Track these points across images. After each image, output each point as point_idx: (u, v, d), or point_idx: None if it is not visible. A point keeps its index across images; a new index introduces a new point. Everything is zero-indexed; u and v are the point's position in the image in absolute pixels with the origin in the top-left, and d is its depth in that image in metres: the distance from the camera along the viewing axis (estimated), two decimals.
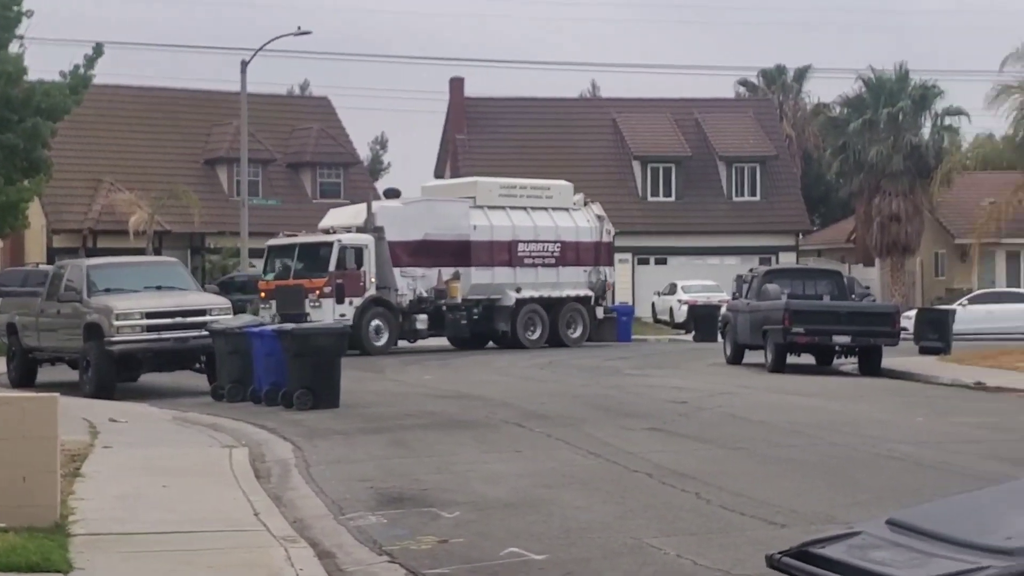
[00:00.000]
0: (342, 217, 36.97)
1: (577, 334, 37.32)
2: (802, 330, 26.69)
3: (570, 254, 37.57)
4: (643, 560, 9.15)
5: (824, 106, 65.94)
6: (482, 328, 36.01)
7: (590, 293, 37.87)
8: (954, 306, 41.11)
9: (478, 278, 35.72)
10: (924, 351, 31.77)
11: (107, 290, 23.62)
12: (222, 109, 53.06)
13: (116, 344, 22.44)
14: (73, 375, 23.73)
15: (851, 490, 12.05)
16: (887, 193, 55.99)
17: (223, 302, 24.59)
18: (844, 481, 12.60)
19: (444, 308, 34.92)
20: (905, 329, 30.66)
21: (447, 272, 35.04)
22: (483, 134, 58.12)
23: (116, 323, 22.46)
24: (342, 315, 32.18)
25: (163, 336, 22.71)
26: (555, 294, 36.93)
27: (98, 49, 34.25)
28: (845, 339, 27.22)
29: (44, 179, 34.71)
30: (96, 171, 50.16)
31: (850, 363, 28.44)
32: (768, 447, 14.96)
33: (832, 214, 70.25)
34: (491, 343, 36.41)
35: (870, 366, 27.25)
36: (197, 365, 23.45)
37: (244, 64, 44.05)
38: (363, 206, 35.93)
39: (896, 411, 19.33)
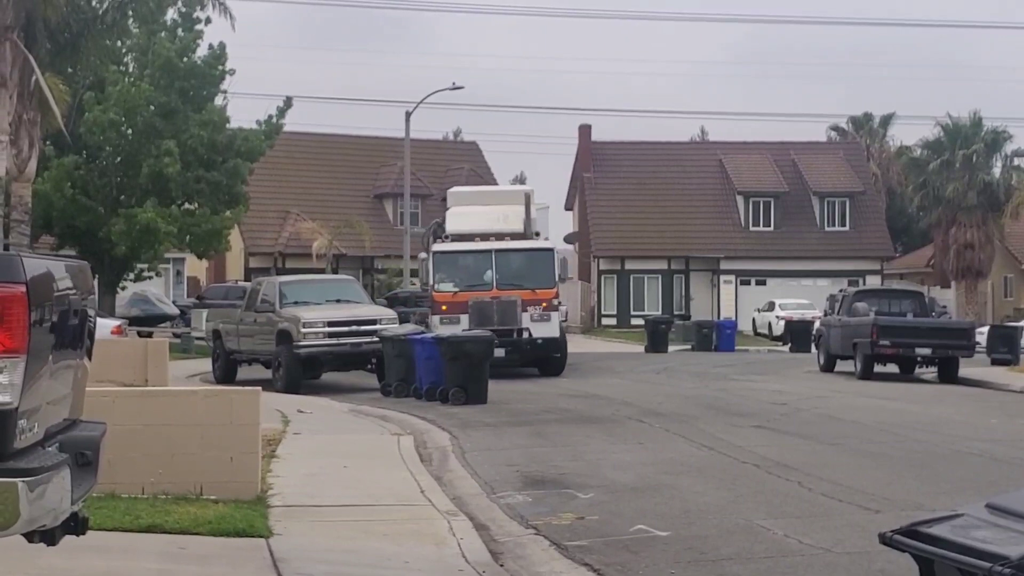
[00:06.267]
0: (495, 221, 27.09)
1: None
2: (888, 343, 26.11)
3: None
4: (754, 538, 9.00)
5: (906, 148, 64.60)
6: None
7: None
8: (1022, 323, 39.89)
9: None
10: (995, 362, 30.89)
11: (295, 303, 24.00)
12: (388, 152, 53.67)
13: (303, 348, 22.81)
14: (267, 373, 24.04)
15: (935, 481, 11.72)
16: (962, 224, 54.67)
17: (391, 313, 24.79)
18: (928, 473, 12.26)
19: None
20: (979, 343, 29.82)
21: None
22: (607, 172, 57.88)
23: (303, 330, 22.85)
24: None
25: (341, 341, 23.04)
26: None
27: (288, 102, 35.03)
28: (926, 351, 26.56)
29: (243, 210, 35.49)
30: (285, 204, 51.06)
31: (930, 372, 27.71)
32: (860, 443, 14.63)
33: (912, 242, 68.69)
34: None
35: (948, 375, 26.52)
36: (369, 366, 23.72)
37: (408, 114, 44.55)
38: (517, 208, 27.14)
39: (972, 414, 18.78)
